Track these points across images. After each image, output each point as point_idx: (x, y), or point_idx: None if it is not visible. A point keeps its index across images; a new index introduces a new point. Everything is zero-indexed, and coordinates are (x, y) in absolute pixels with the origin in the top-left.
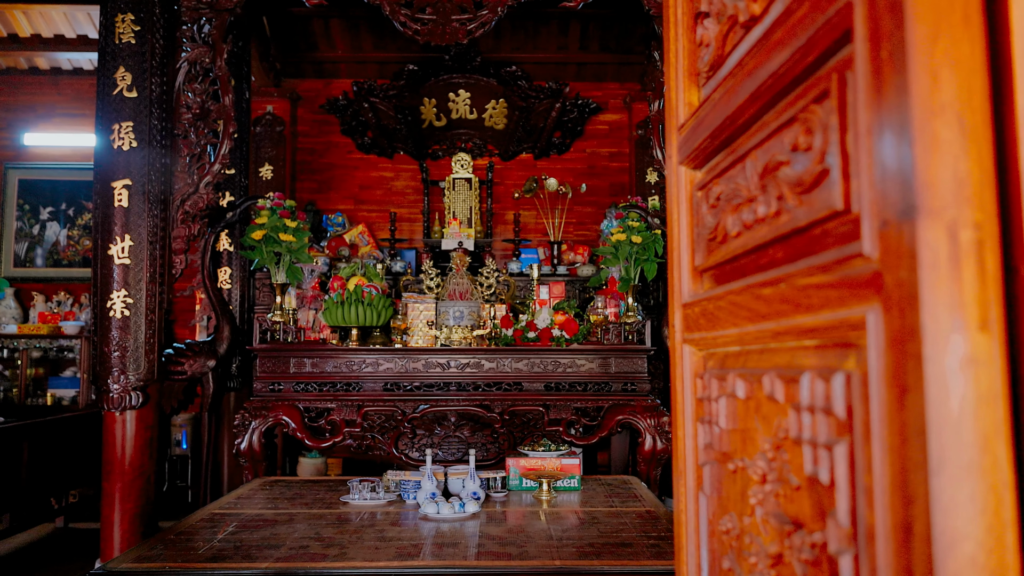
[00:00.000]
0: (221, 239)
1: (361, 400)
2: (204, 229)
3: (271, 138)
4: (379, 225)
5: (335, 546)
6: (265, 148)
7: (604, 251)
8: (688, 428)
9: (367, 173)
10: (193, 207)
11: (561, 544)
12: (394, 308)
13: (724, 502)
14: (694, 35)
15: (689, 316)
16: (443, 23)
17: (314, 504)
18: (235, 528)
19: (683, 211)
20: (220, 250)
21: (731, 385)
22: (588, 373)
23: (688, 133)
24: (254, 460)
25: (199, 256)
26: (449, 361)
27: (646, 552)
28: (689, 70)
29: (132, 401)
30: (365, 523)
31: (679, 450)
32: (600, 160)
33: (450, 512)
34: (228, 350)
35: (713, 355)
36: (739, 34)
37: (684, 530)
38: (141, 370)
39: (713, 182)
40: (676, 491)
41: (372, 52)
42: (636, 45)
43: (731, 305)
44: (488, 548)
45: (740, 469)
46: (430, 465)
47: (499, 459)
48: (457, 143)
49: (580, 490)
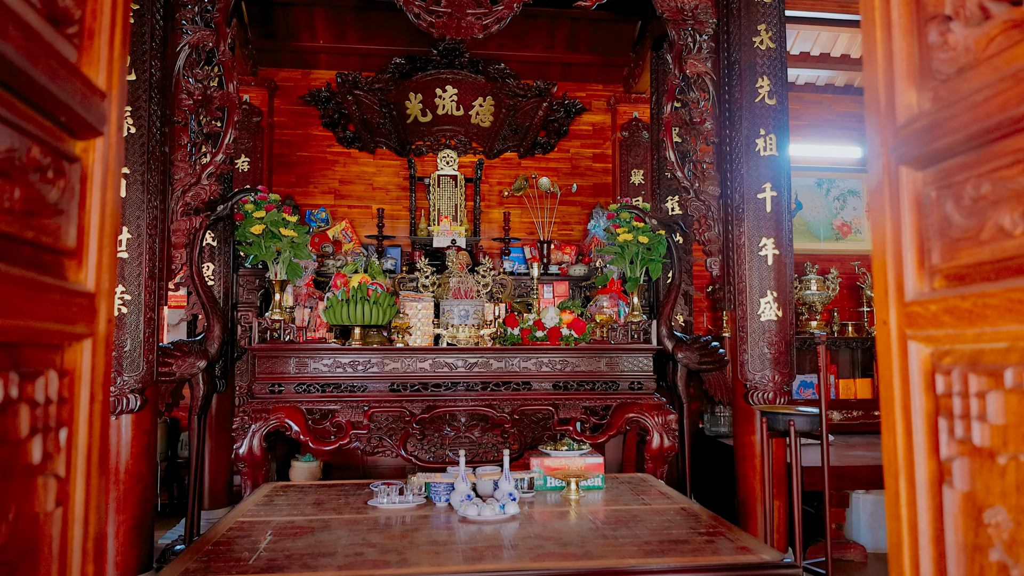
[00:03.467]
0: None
1: (367, 401)
2: (205, 222)
3: (248, 129)
4: (360, 221)
5: (392, 552)
6: (241, 139)
7: (609, 251)
8: (918, 424)
9: (348, 168)
10: (195, 199)
11: (619, 543)
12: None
13: (985, 496)
14: (921, 38)
15: (919, 314)
16: (458, 16)
17: (343, 509)
18: (274, 537)
19: (905, 210)
20: (203, 245)
21: (1011, 380)
22: (596, 372)
23: (915, 134)
24: (254, 465)
25: (186, 251)
26: (457, 361)
27: (706, 548)
28: (908, 72)
29: (130, 404)
30: (408, 527)
31: (891, 447)
32: (583, 160)
33: (492, 514)
34: (219, 350)
35: (952, 352)
36: (1014, 37)
37: (902, 525)
38: (139, 371)
39: (965, 182)
40: (889, 489)
41: (356, 44)
42: (622, 48)
43: (1008, 303)
44: (549, 549)
45: (1016, 461)
46: (463, 467)
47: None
48: (441, 139)
49: (604, 488)
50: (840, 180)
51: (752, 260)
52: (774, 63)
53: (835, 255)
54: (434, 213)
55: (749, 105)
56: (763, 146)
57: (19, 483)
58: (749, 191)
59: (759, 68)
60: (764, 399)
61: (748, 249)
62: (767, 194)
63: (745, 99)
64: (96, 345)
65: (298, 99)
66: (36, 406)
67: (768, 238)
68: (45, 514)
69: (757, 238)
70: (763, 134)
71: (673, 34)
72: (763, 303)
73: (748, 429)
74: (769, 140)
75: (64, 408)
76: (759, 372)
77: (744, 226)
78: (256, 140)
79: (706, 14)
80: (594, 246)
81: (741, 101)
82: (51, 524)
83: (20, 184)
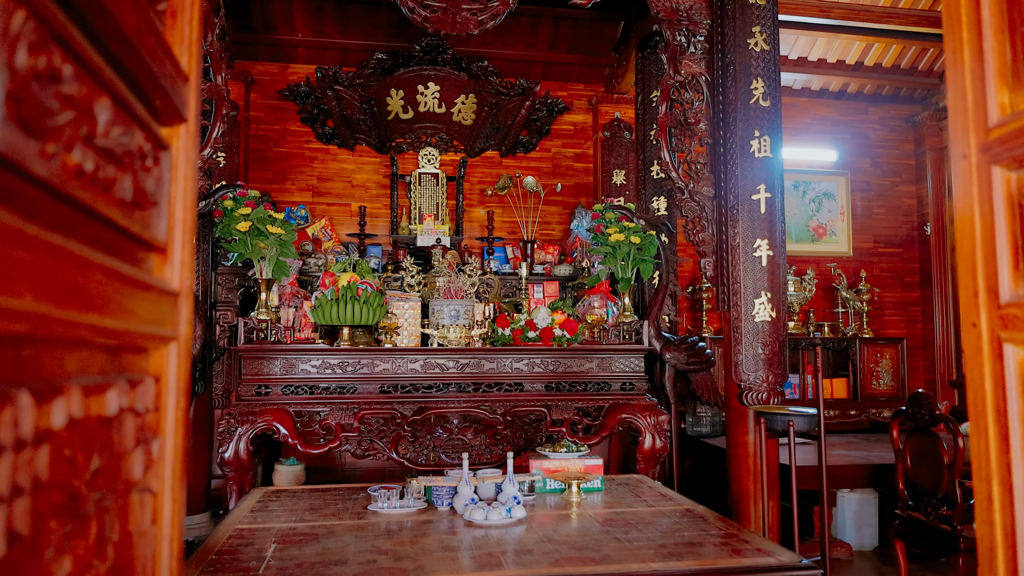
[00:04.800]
0: None
1: (357, 403)
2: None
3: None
4: (339, 219)
5: (406, 559)
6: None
7: (600, 251)
8: (1015, 427)
9: (326, 165)
10: None
11: (635, 547)
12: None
13: None
14: (1013, 37)
15: (1016, 316)
16: (453, 11)
17: (342, 515)
18: (279, 545)
19: (999, 211)
20: None
21: None
22: (589, 373)
23: (1011, 134)
24: (241, 470)
25: None
26: (448, 362)
27: (723, 551)
28: (1001, 72)
29: None
30: (415, 532)
31: (983, 452)
32: (565, 160)
33: (499, 518)
34: (200, 350)
35: None
36: None
37: (995, 530)
38: None
39: None
40: (979, 494)
41: (336, 38)
42: (604, 48)
43: None
44: (566, 554)
45: None
46: (467, 470)
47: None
48: (422, 137)
49: (603, 490)
50: (816, 182)
51: (746, 261)
52: (768, 65)
53: (811, 256)
54: (415, 212)
55: (744, 107)
56: (758, 147)
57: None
58: (743, 192)
59: (753, 70)
60: (758, 399)
61: (742, 250)
62: (761, 195)
63: (740, 100)
64: (180, 348)
65: (275, 93)
66: (138, 416)
67: (762, 239)
68: (140, 532)
69: (751, 239)
70: (757, 136)
71: (668, 34)
72: (757, 304)
73: (742, 429)
74: (763, 142)
75: (155, 417)
76: (753, 373)
77: (739, 227)
78: (232, 135)
79: (700, 15)
80: (577, 246)
81: (736, 103)
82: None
83: (132, 172)
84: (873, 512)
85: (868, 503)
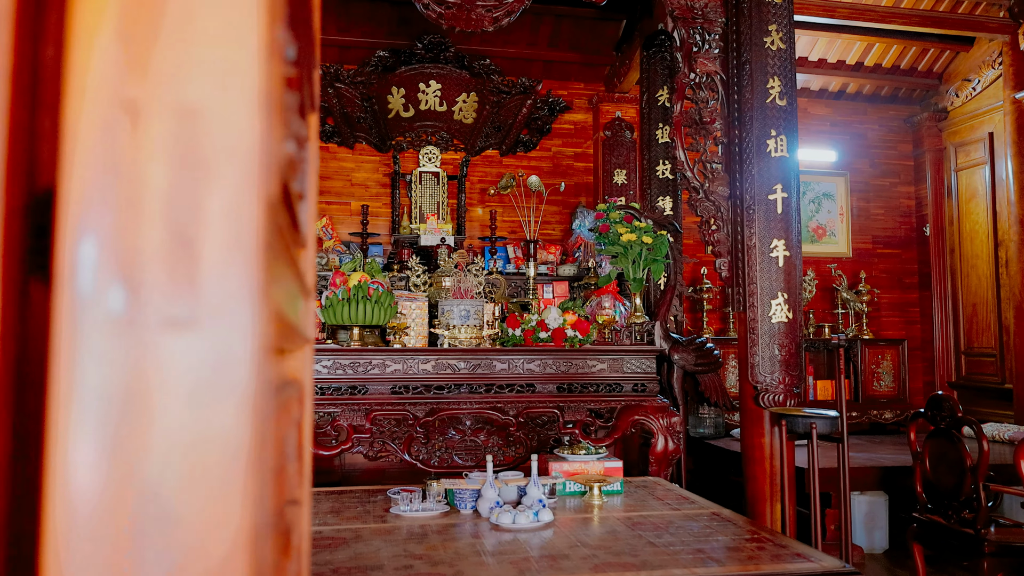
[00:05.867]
0: None
1: (369, 404)
2: None
3: None
4: (339, 218)
5: (442, 564)
6: None
7: (612, 250)
8: None
9: (326, 163)
10: None
11: (672, 552)
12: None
13: None
14: None
15: None
16: (468, 8)
17: (365, 518)
18: None
19: None
20: None
21: None
22: (601, 374)
23: None
24: None
25: None
26: (460, 362)
27: (761, 556)
28: None
29: None
30: (445, 537)
31: None
32: (565, 159)
33: (527, 522)
34: None
35: None
36: None
37: None
38: None
39: None
40: None
41: (337, 35)
42: (605, 47)
43: None
44: (603, 559)
45: None
46: (491, 473)
47: (515, 463)
48: (423, 136)
49: (623, 493)
50: (815, 183)
51: (763, 262)
52: (784, 64)
53: (810, 257)
54: (416, 211)
55: (760, 106)
56: (774, 147)
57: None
58: (760, 192)
59: (770, 69)
60: (774, 401)
61: (759, 250)
62: (778, 195)
63: (756, 99)
64: (309, 351)
65: None
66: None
67: (779, 239)
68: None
69: (768, 239)
70: (774, 135)
71: (683, 32)
72: (774, 305)
73: (757, 431)
74: (780, 141)
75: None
76: (769, 374)
77: (755, 227)
78: None
79: (715, 13)
80: (580, 246)
81: (752, 102)
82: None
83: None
84: (883, 514)
85: (879, 505)
